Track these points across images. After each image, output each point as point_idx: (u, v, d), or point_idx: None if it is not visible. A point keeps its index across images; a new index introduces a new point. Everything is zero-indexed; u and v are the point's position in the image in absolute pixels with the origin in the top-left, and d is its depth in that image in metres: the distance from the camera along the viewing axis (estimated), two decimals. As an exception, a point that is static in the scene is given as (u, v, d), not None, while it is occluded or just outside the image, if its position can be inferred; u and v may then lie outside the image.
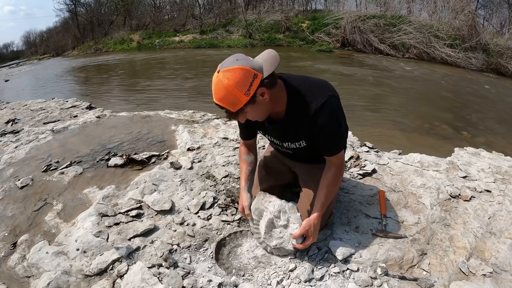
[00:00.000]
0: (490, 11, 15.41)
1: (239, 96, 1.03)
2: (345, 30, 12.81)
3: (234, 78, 1.02)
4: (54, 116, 3.36)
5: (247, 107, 1.07)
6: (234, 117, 1.12)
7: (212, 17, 18.83)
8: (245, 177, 1.42)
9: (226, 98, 1.04)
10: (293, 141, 1.30)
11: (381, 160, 2.03)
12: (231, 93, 1.03)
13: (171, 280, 1.18)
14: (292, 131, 1.26)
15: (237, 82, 1.02)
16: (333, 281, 1.19)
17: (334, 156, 1.25)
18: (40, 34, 32.03)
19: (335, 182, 1.28)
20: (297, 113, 1.19)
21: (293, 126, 1.23)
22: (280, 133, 1.31)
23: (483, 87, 7.53)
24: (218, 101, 1.06)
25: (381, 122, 4.44)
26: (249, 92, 1.04)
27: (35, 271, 1.27)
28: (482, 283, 1.17)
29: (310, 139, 1.25)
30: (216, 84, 1.05)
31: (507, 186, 1.76)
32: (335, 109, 1.18)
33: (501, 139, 4.01)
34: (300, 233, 1.21)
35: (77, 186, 1.84)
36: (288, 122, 1.23)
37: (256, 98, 1.07)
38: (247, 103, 1.05)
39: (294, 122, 1.22)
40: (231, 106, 1.06)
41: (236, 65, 1.03)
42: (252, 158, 1.46)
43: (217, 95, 1.05)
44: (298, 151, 1.34)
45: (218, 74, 1.04)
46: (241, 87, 1.02)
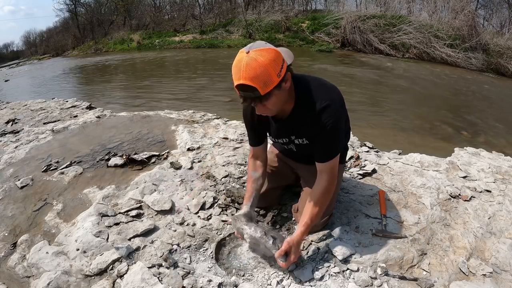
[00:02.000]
0: (490, 11, 15.42)
1: (273, 75, 1.00)
2: (345, 30, 12.81)
3: (269, 56, 0.99)
4: (54, 116, 3.36)
5: (275, 91, 1.03)
6: (259, 102, 1.05)
7: (212, 17, 18.83)
8: (247, 195, 1.38)
9: (260, 76, 0.98)
10: (297, 137, 1.29)
11: (381, 160, 2.03)
12: (267, 70, 0.99)
13: (171, 280, 1.18)
14: (296, 128, 1.25)
15: (273, 60, 1.00)
16: (333, 281, 1.19)
17: (325, 163, 1.21)
18: (40, 34, 32.06)
19: (324, 197, 1.23)
20: (302, 112, 1.19)
21: (298, 123, 1.22)
22: (284, 129, 1.29)
23: (483, 87, 7.53)
24: (248, 80, 0.99)
25: (381, 122, 4.44)
26: (280, 74, 1.02)
27: (35, 271, 1.27)
28: (482, 283, 1.17)
29: (311, 138, 1.25)
30: (248, 63, 0.98)
31: (507, 186, 1.76)
32: (336, 113, 1.16)
33: (501, 139, 4.01)
34: (279, 254, 1.16)
35: (77, 186, 1.84)
36: (293, 119, 1.22)
37: (282, 84, 1.04)
38: (277, 85, 1.02)
39: (299, 119, 1.21)
40: (263, 87, 1.00)
41: (267, 46, 1.02)
42: (259, 174, 1.40)
43: (249, 74, 0.98)
44: (301, 148, 1.33)
45: (249, 54, 0.99)
46: (275, 66, 1.00)
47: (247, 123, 1.37)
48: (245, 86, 1.00)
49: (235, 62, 1.02)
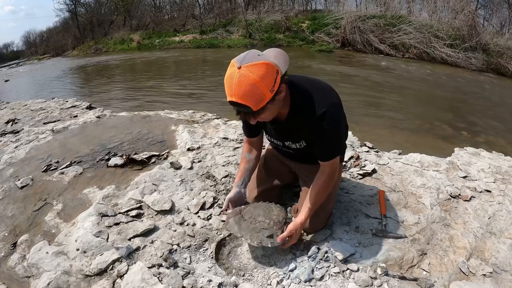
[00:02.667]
0: (490, 11, 15.42)
1: (265, 92, 0.98)
2: (345, 30, 12.80)
3: (260, 72, 0.96)
4: (54, 116, 3.36)
5: (268, 105, 1.02)
6: (252, 117, 1.05)
7: (212, 17, 18.82)
8: (239, 175, 1.41)
9: (252, 94, 0.97)
10: (294, 142, 1.30)
11: (381, 160, 2.03)
12: (258, 88, 0.97)
13: (171, 280, 1.18)
14: (293, 133, 1.26)
15: (264, 77, 0.97)
16: (333, 281, 1.19)
17: (327, 162, 1.24)
18: (40, 34, 32.05)
19: (325, 189, 1.27)
20: (299, 117, 1.18)
21: (295, 128, 1.22)
22: (282, 134, 1.30)
23: (483, 87, 7.53)
24: (240, 99, 0.97)
25: (381, 122, 4.44)
26: (273, 89, 1.00)
27: (35, 271, 1.27)
28: (482, 283, 1.17)
29: (309, 141, 1.26)
30: (239, 80, 0.96)
31: (507, 186, 1.76)
32: (335, 118, 1.17)
33: (501, 139, 4.01)
34: (286, 235, 1.23)
35: (77, 186, 1.84)
36: (290, 124, 1.22)
37: (276, 96, 1.03)
38: (270, 100, 1.01)
39: (296, 124, 1.21)
40: (255, 104, 0.99)
41: (259, 60, 0.98)
42: (253, 156, 1.43)
43: (240, 92, 0.97)
44: (298, 150, 1.34)
45: (240, 69, 0.96)
46: (267, 83, 0.98)
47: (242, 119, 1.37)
48: (237, 103, 0.99)
49: (227, 76, 1.00)
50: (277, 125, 1.25)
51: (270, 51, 1.10)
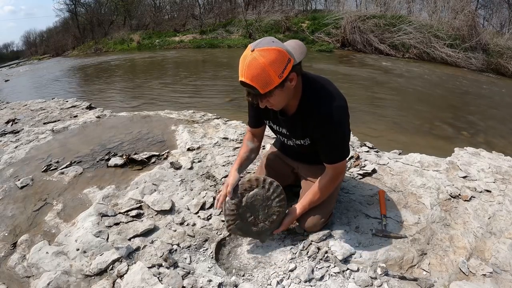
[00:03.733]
0: (490, 11, 15.42)
1: (273, 76, 1.01)
2: (345, 30, 12.80)
3: (270, 57, 1.00)
4: (54, 116, 3.36)
5: (276, 90, 1.05)
6: (259, 99, 1.09)
7: (212, 17, 18.82)
8: (239, 160, 1.40)
9: (260, 77, 1.01)
10: (299, 138, 1.30)
11: (381, 160, 2.03)
12: (266, 72, 1.00)
13: (171, 280, 1.18)
14: (299, 128, 1.26)
15: (273, 62, 1.00)
16: (333, 281, 1.19)
17: (332, 165, 1.27)
18: (40, 34, 32.09)
19: (325, 190, 1.31)
20: (307, 112, 1.20)
21: (301, 123, 1.23)
22: (288, 127, 1.31)
23: (483, 87, 7.53)
24: (249, 80, 1.02)
25: (381, 122, 4.43)
26: (282, 75, 1.03)
27: (35, 271, 1.27)
28: (482, 283, 1.18)
29: (313, 139, 1.26)
30: (250, 62, 1.01)
31: (507, 186, 1.76)
32: (342, 120, 1.18)
33: (501, 139, 4.01)
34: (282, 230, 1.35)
35: (77, 186, 1.84)
36: (297, 118, 1.23)
37: (286, 83, 1.06)
38: (278, 85, 1.04)
39: (302, 119, 1.22)
40: (262, 87, 1.02)
41: (273, 46, 1.01)
42: (254, 146, 1.45)
43: (250, 73, 1.01)
44: (302, 147, 1.34)
45: (253, 52, 1.01)
46: (276, 68, 1.01)
47: (251, 106, 1.37)
48: (246, 83, 1.03)
49: (242, 57, 1.04)
50: (286, 117, 1.26)
51: (289, 42, 1.13)
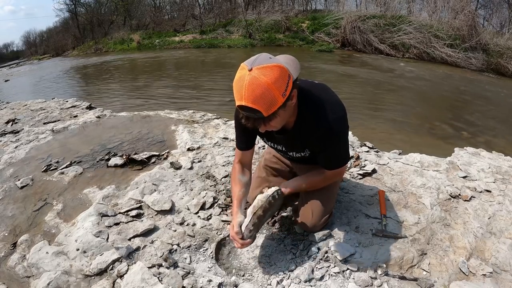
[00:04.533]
0: (490, 11, 15.41)
1: (277, 96, 0.92)
2: (345, 30, 12.81)
3: (273, 75, 0.91)
4: (54, 116, 3.36)
5: (279, 111, 0.96)
6: (263, 123, 0.98)
7: (212, 17, 18.82)
8: (237, 201, 1.30)
9: (263, 98, 0.91)
10: (298, 151, 1.27)
11: (381, 160, 2.03)
12: (270, 92, 0.91)
13: (171, 280, 1.18)
14: (299, 142, 1.22)
15: (277, 80, 0.91)
16: (333, 281, 1.19)
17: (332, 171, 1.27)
18: (40, 34, 32.06)
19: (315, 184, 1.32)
20: (305, 127, 1.15)
21: (301, 137, 1.19)
22: (287, 143, 1.26)
23: (483, 87, 7.53)
24: (250, 103, 0.91)
25: (381, 122, 4.43)
26: (285, 93, 0.94)
27: (35, 271, 1.27)
28: (482, 283, 1.17)
29: (313, 151, 1.24)
30: (250, 82, 0.91)
31: (507, 186, 1.76)
32: (341, 131, 1.16)
33: (501, 139, 4.01)
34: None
35: (77, 186, 1.84)
36: (295, 134, 1.18)
37: (288, 102, 0.98)
38: (281, 106, 0.95)
39: (301, 134, 1.18)
40: (266, 109, 0.93)
41: (272, 63, 0.93)
42: (247, 180, 1.35)
43: (251, 95, 0.91)
44: (301, 158, 1.33)
45: (251, 72, 0.91)
46: (279, 86, 0.92)
47: (240, 126, 1.27)
48: (248, 108, 0.93)
49: (237, 78, 0.95)
50: (284, 134, 1.20)
51: (280, 57, 1.05)
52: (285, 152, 1.33)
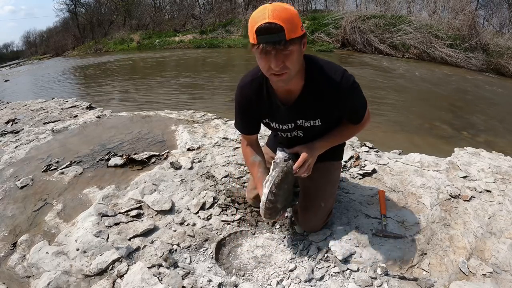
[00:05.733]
0: (490, 11, 15.41)
1: (298, 24, 0.97)
2: (345, 30, 12.79)
3: (293, 9, 0.98)
4: (54, 116, 3.36)
5: (296, 45, 0.97)
6: (282, 46, 0.95)
7: (212, 17, 18.82)
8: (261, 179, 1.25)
9: (288, 19, 0.93)
10: (309, 119, 1.21)
11: (381, 160, 2.03)
12: (293, 16, 0.95)
13: (171, 280, 1.18)
14: (309, 107, 1.18)
15: (296, 14, 0.98)
16: (333, 281, 1.19)
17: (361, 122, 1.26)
18: (40, 34, 32.11)
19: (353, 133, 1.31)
20: (317, 87, 1.13)
21: (312, 101, 1.16)
22: (295, 112, 1.20)
23: (483, 87, 7.53)
24: (275, 19, 0.92)
25: (381, 122, 4.43)
26: (303, 29, 0.99)
27: (35, 271, 1.27)
28: (482, 283, 1.17)
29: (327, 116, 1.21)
30: (274, 7, 0.94)
31: (507, 186, 1.76)
32: (353, 80, 1.14)
33: (501, 139, 4.01)
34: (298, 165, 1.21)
35: (77, 186, 1.84)
36: (306, 97, 1.16)
37: (303, 41, 1.01)
38: (300, 37, 0.98)
39: (313, 97, 1.15)
40: (289, 30, 0.93)
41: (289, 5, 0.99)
42: (260, 159, 1.34)
43: (276, 15, 0.92)
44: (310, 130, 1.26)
45: (272, 3, 0.96)
46: (299, 20, 0.98)
47: (243, 108, 1.26)
48: (271, 26, 0.92)
49: (256, 11, 0.97)
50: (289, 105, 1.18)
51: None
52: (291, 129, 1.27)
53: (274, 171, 1.19)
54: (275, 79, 1.05)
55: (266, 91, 1.20)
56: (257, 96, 1.21)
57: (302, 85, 1.14)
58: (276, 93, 1.18)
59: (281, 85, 1.10)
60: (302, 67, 1.11)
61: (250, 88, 1.21)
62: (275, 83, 1.10)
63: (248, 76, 1.23)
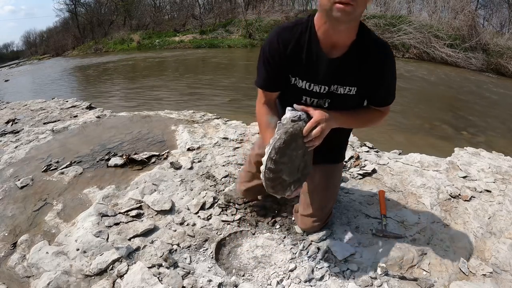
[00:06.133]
0: (490, 11, 15.41)
1: None
2: (345, 30, 12.79)
3: None
4: (54, 116, 3.36)
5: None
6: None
7: (212, 17, 18.82)
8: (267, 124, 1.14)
9: None
10: (345, 85, 1.10)
11: (381, 160, 2.03)
12: None
13: (171, 280, 1.18)
14: (351, 69, 1.07)
15: None
16: (333, 281, 1.19)
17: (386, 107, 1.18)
18: (40, 34, 32.11)
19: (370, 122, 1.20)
20: (366, 47, 1.05)
21: (357, 62, 1.06)
22: (334, 70, 1.07)
23: (483, 87, 7.53)
24: None
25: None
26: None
27: (35, 271, 1.27)
28: (482, 283, 1.18)
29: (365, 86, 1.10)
30: None
31: (507, 186, 1.76)
32: (395, 62, 1.09)
33: (501, 139, 4.01)
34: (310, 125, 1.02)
35: (77, 186, 1.84)
36: (352, 58, 1.05)
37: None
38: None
39: (360, 56, 1.05)
40: None
41: None
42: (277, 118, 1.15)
43: None
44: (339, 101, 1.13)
45: None
46: None
47: (274, 57, 1.09)
48: None
49: None
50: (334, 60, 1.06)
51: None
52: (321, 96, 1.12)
53: (277, 133, 1.00)
54: (340, 9, 0.91)
55: (308, 38, 1.06)
56: (296, 42, 1.07)
57: (352, 41, 1.04)
58: (320, 44, 1.05)
59: (343, 19, 0.93)
60: (358, 21, 1.02)
61: (291, 32, 1.07)
62: (336, 15, 0.93)
63: (289, 23, 1.10)
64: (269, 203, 1.60)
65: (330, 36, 1.03)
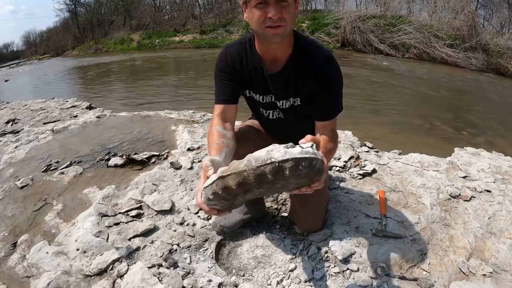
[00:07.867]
0: (490, 11, 15.39)
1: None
2: (345, 30, 12.79)
3: None
4: (54, 116, 3.36)
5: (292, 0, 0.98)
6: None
7: (212, 17, 18.83)
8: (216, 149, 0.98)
9: None
10: (289, 97, 1.16)
11: (381, 160, 2.03)
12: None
13: (171, 280, 1.18)
14: (292, 83, 1.13)
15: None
16: (333, 281, 1.19)
17: (333, 120, 1.14)
18: (40, 34, 32.11)
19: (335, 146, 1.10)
20: (302, 62, 1.10)
21: (295, 76, 1.11)
22: (278, 86, 1.15)
23: (483, 87, 7.53)
24: None
25: (381, 122, 4.43)
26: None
27: (35, 271, 1.27)
28: (482, 283, 1.17)
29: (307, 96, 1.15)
30: None
31: (507, 186, 1.76)
32: (338, 65, 1.11)
33: (501, 139, 4.01)
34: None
35: (77, 186, 1.84)
36: (291, 71, 1.11)
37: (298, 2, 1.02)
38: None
39: (297, 71, 1.11)
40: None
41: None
42: (229, 135, 1.09)
43: None
44: (290, 112, 1.20)
45: None
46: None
47: (223, 74, 1.16)
48: None
49: None
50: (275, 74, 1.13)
51: None
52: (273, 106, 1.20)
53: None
54: (271, 33, 0.98)
55: (251, 55, 1.15)
56: (241, 58, 1.16)
57: (289, 54, 1.10)
58: (262, 60, 1.13)
59: (276, 40, 1.01)
60: (291, 35, 1.08)
61: (237, 49, 1.17)
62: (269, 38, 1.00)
63: (235, 41, 1.21)
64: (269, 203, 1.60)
65: (268, 52, 1.11)
